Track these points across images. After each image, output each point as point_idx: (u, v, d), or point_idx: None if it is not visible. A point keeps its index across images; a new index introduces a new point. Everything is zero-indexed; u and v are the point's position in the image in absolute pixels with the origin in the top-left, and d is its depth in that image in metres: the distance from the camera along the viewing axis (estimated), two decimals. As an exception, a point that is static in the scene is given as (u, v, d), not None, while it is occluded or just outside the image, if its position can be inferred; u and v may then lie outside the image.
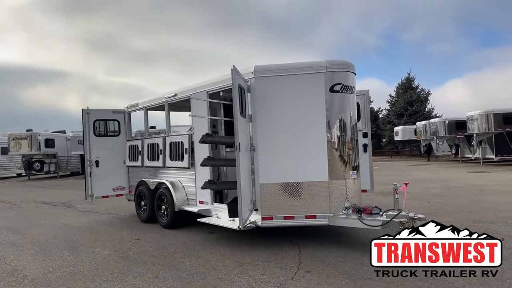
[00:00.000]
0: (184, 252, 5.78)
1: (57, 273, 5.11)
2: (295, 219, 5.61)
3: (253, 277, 4.57)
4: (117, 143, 9.36)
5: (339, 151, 5.63)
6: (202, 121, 6.74)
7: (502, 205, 8.61)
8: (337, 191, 5.58)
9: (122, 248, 6.18)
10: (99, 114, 9.25)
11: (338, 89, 5.57)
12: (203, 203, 6.88)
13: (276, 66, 5.71)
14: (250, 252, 5.60)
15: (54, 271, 5.17)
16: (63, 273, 5.11)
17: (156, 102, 8.26)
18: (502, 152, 19.95)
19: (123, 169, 9.38)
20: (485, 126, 18.34)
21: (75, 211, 10.44)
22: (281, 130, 5.63)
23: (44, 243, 6.76)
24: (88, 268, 5.23)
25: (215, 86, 6.53)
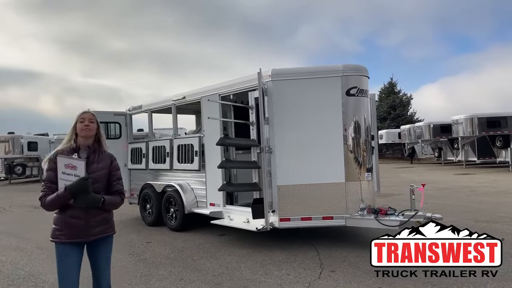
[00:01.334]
0: (201, 254, 5.78)
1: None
2: (312, 220, 5.70)
3: (280, 278, 4.63)
4: (118, 146, 9.26)
5: (354, 153, 5.76)
6: (213, 123, 6.76)
7: (498, 205, 8.95)
8: (353, 192, 5.70)
9: (136, 252, 6.13)
10: (100, 117, 9.01)
11: (354, 93, 5.71)
12: (214, 205, 6.89)
13: (293, 69, 5.81)
14: (268, 253, 5.66)
15: (73, 275, 5.08)
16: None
17: (162, 104, 8.23)
18: (484, 155, 20.66)
19: (124, 172, 9.27)
20: (470, 129, 18.99)
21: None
22: (299, 132, 5.72)
23: (51, 248, 6.56)
24: (108, 272, 5.16)
25: (228, 89, 6.57)
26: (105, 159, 2.88)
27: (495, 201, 9.65)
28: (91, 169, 2.74)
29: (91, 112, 2.88)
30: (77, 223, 2.69)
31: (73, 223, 2.69)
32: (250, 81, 6.13)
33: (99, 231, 2.78)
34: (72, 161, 2.66)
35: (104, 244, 2.87)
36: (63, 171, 2.64)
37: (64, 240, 2.71)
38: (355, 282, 4.33)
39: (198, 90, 7.26)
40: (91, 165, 2.77)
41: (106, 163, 2.87)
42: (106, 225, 2.84)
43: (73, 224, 2.69)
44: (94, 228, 2.74)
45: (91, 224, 2.73)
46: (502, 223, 7.04)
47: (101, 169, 2.82)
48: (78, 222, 2.69)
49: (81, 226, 2.70)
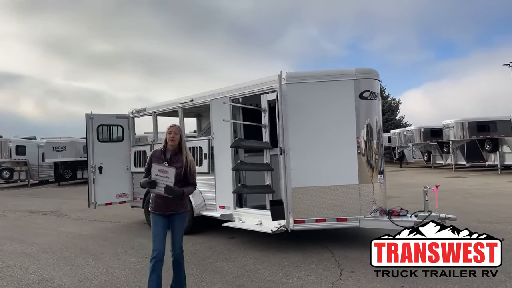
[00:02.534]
0: (215, 257, 5.78)
1: (94, 281, 4.97)
2: (327, 222, 5.76)
3: (301, 279, 4.66)
4: (120, 149, 9.20)
5: (367, 156, 5.85)
6: (223, 126, 6.78)
7: (495, 207, 9.18)
8: (366, 194, 5.78)
9: (149, 254, 6.06)
10: (103, 119, 9.05)
11: (367, 96, 5.81)
12: (224, 208, 6.89)
13: (307, 72, 5.88)
14: (283, 255, 5.69)
15: (89, 279, 5.03)
16: (100, 280, 4.98)
17: (168, 107, 8.21)
18: (473, 158, 21.12)
19: (126, 175, 9.20)
20: (461, 133, 19.40)
21: (72, 220, 10.08)
22: (313, 135, 5.78)
23: (59, 252, 6.52)
24: (125, 275, 5.12)
25: (240, 92, 6.62)
26: (182, 160, 3.95)
27: (492, 202, 9.88)
28: (173, 165, 3.85)
29: (177, 126, 4.02)
30: (160, 202, 3.90)
31: (158, 202, 3.91)
32: (262, 84, 6.19)
33: (174, 209, 3.92)
34: (164, 168, 3.77)
35: (178, 218, 3.98)
36: (156, 173, 3.75)
37: (153, 211, 3.96)
38: (377, 282, 4.39)
39: (207, 93, 7.27)
40: (173, 163, 3.91)
41: (181, 164, 3.93)
42: (179, 205, 3.95)
43: (158, 203, 3.91)
44: (170, 206, 3.89)
45: (169, 204, 3.86)
46: (505, 223, 7.22)
47: (180, 166, 3.89)
48: (160, 202, 3.89)
49: (162, 204, 3.89)
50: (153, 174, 3.74)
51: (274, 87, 5.92)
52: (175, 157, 3.93)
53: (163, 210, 3.88)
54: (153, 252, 3.82)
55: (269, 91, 6.16)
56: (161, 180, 3.72)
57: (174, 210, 3.91)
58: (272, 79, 5.92)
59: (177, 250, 3.95)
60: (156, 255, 3.79)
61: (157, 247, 3.81)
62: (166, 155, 3.96)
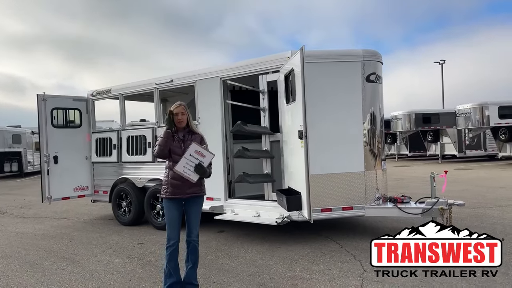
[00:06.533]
0: (214, 253, 5.21)
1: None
2: (333, 211, 5.44)
3: (324, 273, 4.29)
4: (78, 136, 8.12)
5: (372, 142, 5.61)
6: (212, 110, 6.17)
7: (461, 192, 9.57)
8: (370, 181, 5.54)
9: (133, 255, 5.33)
10: (57, 102, 7.91)
11: (373, 79, 5.56)
12: (213, 200, 6.28)
13: (316, 52, 5.45)
14: (288, 247, 5.28)
15: (73, 287, 4.20)
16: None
17: (140, 88, 7.32)
18: (415, 149, 22.41)
19: (85, 166, 8.16)
20: (408, 125, 20.39)
21: (16, 218, 8.75)
22: (319, 120, 5.38)
23: (19, 256, 5.50)
24: (117, 280, 4.37)
25: (234, 72, 6.02)
26: (197, 138, 3.78)
27: (456, 189, 10.33)
28: (186, 144, 3.68)
29: (183, 105, 3.75)
30: (178, 184, 3.64)
31: (175, 185, 3.66)
32: (263, 62, 5.69)
33: (194, 191, 3.71)
34: (204, 151, 3.57)
35: (196, 202, 3.78)
36: (191, 153, 3.51)
37: (169, 196, 3.68)
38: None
39: (192, 73, 6.56)
40: (186, 141, 3.71)
41: (197, 141, 3.71)
42: (198, 187, 3.74)
43: (176, 185, 3.66)
44: (190, 188, 3.67)
45: (189, 185, 3.64)
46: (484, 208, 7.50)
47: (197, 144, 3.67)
48: (179, 183, 3.64)
49: (181, 186, 3.65)
50: (187, 154, 3.48)
51: (278, 67, 5.44)
52: (189, 135, 3.77)
53: (181, 193, 3.65)
54: (168, 241, 3.69)
55: (270, 71, 5.66)
56: (192, 161, 3.51)
57: (194, 192, 3.71)
58: (279, 57, 5.43)
59: (195, 237, 3.76)
60: (172, 243, 3.67)
61: (173, 235, 3.67)
62: (178, 135, 3.74)
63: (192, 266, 3.81)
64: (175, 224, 3.68)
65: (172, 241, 3.67)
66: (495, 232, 5.77)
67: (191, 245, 3.76)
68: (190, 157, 3.48)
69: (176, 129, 3.74)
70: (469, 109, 17.74)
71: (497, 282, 3.83)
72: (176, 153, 3.67)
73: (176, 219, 3.69)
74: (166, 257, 3.70)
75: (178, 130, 3.75)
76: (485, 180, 12.38)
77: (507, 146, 17.91)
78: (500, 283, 3.83)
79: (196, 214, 3.78)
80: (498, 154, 18.66)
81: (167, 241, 3.70)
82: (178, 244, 3.70)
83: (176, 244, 3.68)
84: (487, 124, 17.26)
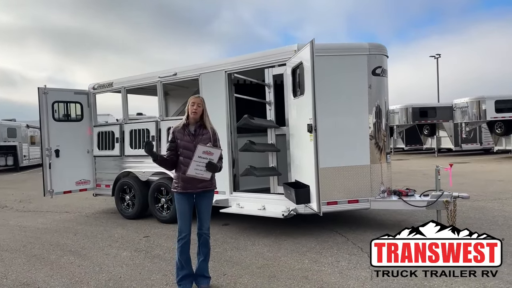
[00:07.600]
0: (221, 246, 5.23)
1: (91, 281, 4.17)
2: (338, 204, 5.48)
3: (333, 265, 4.34)
4: (79, 130, 8.08)
5: (377, 135, 5.65)
6: (215, 103, 6.14)
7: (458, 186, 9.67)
8: (376, 175, 5.59)
9: (140, 248, 5.34)
10: (59, 95, 7.85)
11: (379, 73, 5.58)
12: (217, 193, 6.27)
13: (322, 45, 5.43)
14: (294, 240, 5.32)
15: (83, 280, 4.21)
16: (98, 281, 4.19)
17: (143, 81, 7.28)
18: (411, 142, 22.54)
19: (87, 159, 8.13)
20: (405, 118, 20.50)
21: (17, 212, 8.71)
22: (325, 113, 5.37)
23: (25, 250, 5.48)
24: (127, 273, 4.39)
25: (239, 65, 6.00)
26: (208, 132, 3.78)
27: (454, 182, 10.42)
28: (197, 139, 3.70)
29: (201, 98, 3.81)
30: (189, 179, 3.63)
31: (186, 179, 3.65)
32: (270, 56, 5.68)
33: (205, 185, 3.73)
34: (211, 149, 3.58)
35: (207, 196, 3.82)
36: (199, 155, 3.51)
37: (180, 190, 3.71)
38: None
39: (196, 66, 6.54)
40: (198, 136, 3.73)
41: (209, 135, 3.76)
42: (209, 182, 3.73)
43: (187, 180, 3.66)
44: (201, 182, 3.68)
45: (200, 180, 3.63)
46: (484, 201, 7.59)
47: (205, 139, 3.71)
48: (189, 178, 3.62)
49: (192, 181, 3.64)
50: (196, 156, 3.50)
51: (284, 60, 5.44)
52: (200, 129, 3.76)
53: (193, 187, 3.69)
54: (180, 234, 3.75)
55: (275, 64, 5.65)
56: (202, 162, 3.55)
57: (205, 187, 3.74)
58: (285, 50, 5.43)
59: (206, 230, 3.81)
60: (184, 236, 3.73)
61: (184, 227, 3.73)
62: (189, 129, 3.75)
63: (203, 258, 3.85)
64: (186, 217, 3.73)
65: (183, 233, 3.72)
66: (497, 224, 5.86)
67: (202, 237, 3.81)
68: (199, 159, 3.51)
69: (188, 122, 3.74)
70: (466, 103, 17.86)
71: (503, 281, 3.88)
72: (185, 148, 3.67)
73: (187, 213, 3.73)
74: (177, 250, 3.74)
75: (189, 124, 3.75)
76: (483, 173, 12.51)
77: (502, 140, 18.09)
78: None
79: (207, 208, 3.82)
80: (494, 147, 18.84)
81: (178, 233, 3.74)
82: (189, 236, 3.75)
83: (188, 236, 3.74)
84: (484, 118, 17.40)
